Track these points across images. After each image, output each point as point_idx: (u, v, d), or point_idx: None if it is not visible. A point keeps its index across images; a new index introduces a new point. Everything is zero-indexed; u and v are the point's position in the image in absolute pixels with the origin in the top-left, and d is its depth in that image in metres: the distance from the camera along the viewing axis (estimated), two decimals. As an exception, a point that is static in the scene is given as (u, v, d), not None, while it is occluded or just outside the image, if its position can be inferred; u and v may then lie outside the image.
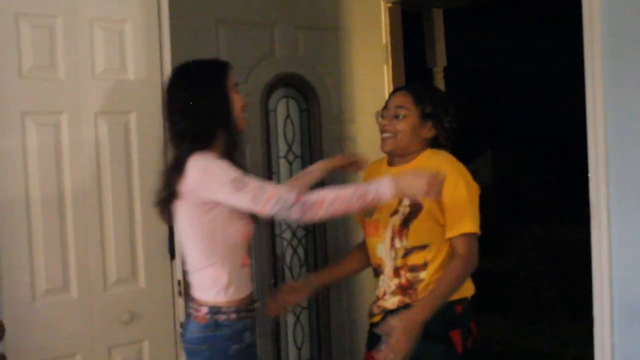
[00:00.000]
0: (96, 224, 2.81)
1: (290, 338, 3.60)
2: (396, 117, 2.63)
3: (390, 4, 3.71)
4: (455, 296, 2.55)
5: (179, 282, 2.83)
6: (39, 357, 2.69)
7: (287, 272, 3.14)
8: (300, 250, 3.55)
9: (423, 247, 2.57)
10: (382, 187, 2.24)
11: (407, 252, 2.59)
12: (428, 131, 2.66)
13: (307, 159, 3.49)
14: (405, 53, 3.85)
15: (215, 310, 2.39)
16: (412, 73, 3.96)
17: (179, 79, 2.45)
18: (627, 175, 2.54)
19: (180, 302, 2.87)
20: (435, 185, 2.26)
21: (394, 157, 2.72)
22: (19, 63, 2.67)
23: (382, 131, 2.67)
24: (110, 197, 2.84)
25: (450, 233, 2.56)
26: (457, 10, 4.99)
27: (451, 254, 2.57)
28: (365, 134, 3.67)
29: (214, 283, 2.40)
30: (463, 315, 2.59)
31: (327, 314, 3.67)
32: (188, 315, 2.53)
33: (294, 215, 2.22)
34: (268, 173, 3.04)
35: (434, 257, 2.58)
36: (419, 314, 2.43)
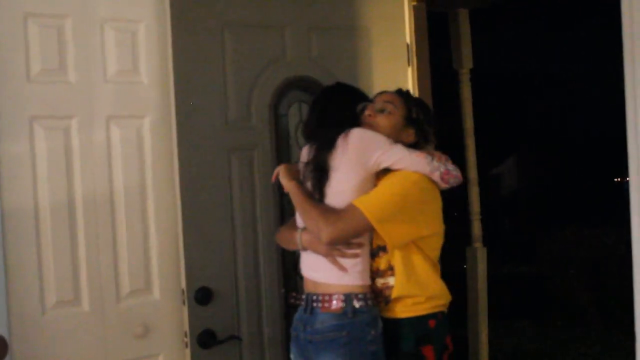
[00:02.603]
0: (108, 233, 2.75)
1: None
2: (382, 111, 2.54)
3: (414, 2, 3.60)
4: (427, 310, 2.46)
5: (182, 290, 2.75)
6: (49, 373, 2.62)
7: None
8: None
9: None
10: None
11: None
12: (407, 137, 2.55)
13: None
14: (430, 54, 3.75)
15: (351, 297, 2.37)
16: (437, 75, 3.84)
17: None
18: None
19: (190, 312, 2.76)
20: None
21: None
22: (27, 66, 2.62)
23: (363, 122, 2.53)
24: (122, 204, 2.78)
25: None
26: (484, 10, 4.84)
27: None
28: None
29: (351, 266, 2.40)
30: (436, 330, 2.47)
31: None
32: (310, 309, 2.43)
33: None
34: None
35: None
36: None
